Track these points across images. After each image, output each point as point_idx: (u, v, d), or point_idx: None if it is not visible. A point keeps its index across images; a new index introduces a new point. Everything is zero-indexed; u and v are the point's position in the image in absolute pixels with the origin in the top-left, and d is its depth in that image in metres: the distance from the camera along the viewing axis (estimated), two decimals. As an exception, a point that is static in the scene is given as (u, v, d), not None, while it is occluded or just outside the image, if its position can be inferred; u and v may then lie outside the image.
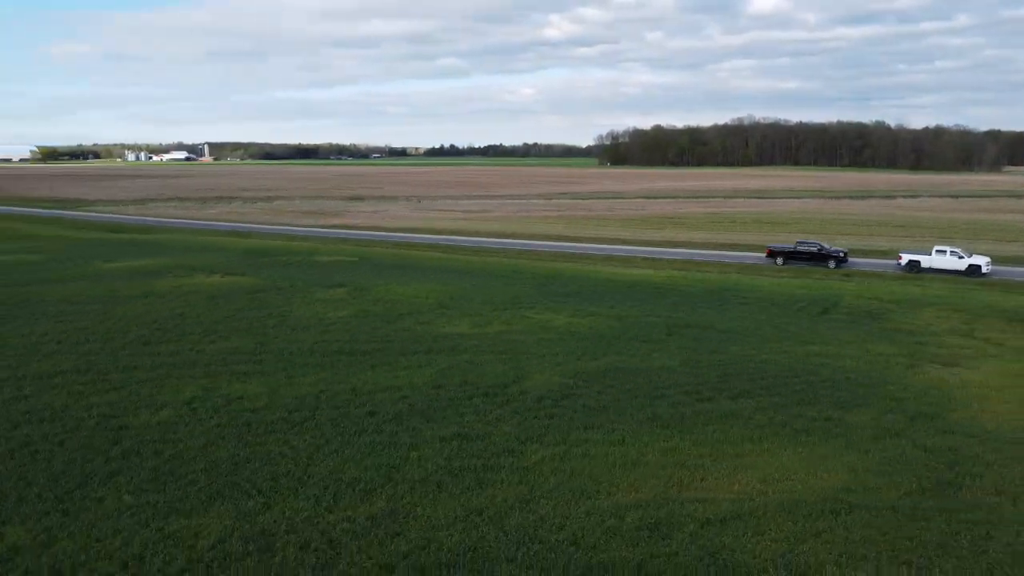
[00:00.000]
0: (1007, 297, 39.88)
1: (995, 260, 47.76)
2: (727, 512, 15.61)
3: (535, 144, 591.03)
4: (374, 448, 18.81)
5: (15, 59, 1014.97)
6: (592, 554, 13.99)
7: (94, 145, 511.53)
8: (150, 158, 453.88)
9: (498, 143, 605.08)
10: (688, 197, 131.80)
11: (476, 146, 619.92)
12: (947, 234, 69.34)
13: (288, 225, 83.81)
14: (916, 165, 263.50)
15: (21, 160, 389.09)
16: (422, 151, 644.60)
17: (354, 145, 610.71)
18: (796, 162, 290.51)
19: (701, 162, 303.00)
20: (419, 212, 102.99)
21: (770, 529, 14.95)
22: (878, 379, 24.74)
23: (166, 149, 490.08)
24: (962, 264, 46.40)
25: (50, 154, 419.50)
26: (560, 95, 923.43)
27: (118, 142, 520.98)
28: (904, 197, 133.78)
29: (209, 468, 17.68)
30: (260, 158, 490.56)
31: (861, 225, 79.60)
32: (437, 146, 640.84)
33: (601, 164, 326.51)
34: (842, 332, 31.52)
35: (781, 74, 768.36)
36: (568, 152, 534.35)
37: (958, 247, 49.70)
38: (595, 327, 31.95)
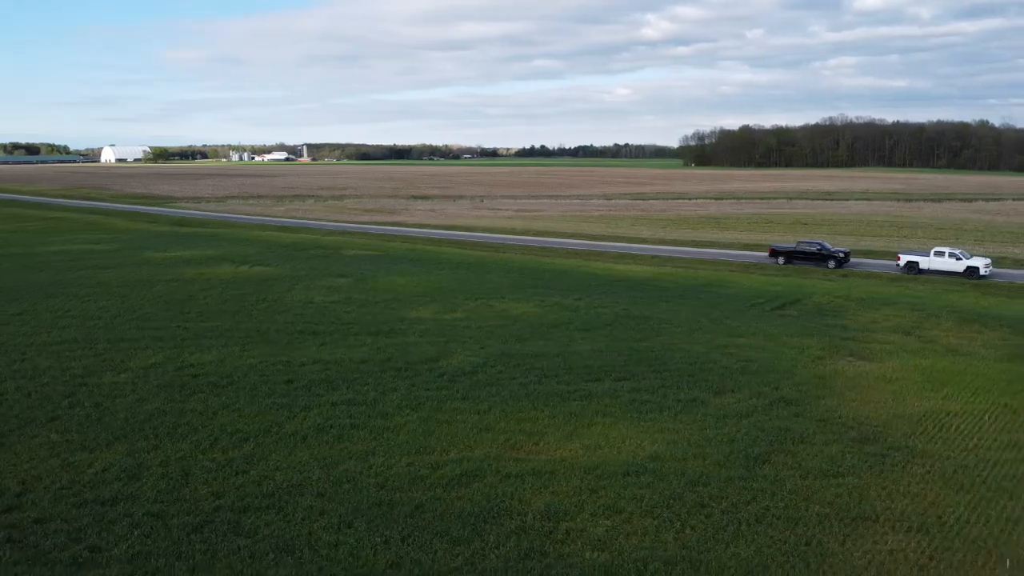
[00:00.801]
0: (981, 299, 39.54)
1: None
2: (530, 469, 17.83)
3: (626, 145, 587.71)
4: (270, 408, 21.89)
5: (137, 66, 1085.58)
6: (387, 494, 16.55)
7: (203, 146, 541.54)
8: (252, 158, 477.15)
9: (589, 144, 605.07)
10: (751, 198, 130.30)
11: (567, 147, 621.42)
12: (996, 239, 67.31)
13: (344, 222, 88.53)
14: (1022, 168, 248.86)
15: (135, 160, 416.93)
16: (513, 152, 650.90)
17: (447, 146, 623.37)
18: (890, 163, 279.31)
19: (789, 163, 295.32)
20: (473, 211, 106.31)
21: (557, 483, 17.11)
22: (774, 368, 26.07)
23: (268, 150, 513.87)
24: (960, 266, 45.85)
25: (161, 154, 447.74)
26: (655, 95, 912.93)
27: (225, 143, 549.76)
28: (985, 200, 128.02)
29: (129, 418, 21.15)
30: (357, 158, 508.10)
31: (906, 228, 77.65)
32: (528, 147, 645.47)
33: (685, 165, 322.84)
34: (778, 326, 32.60)
35: (887, 72, 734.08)
36: (660, 153, 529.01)
37: (958, 248, 48.95)
38: (546, 316, 34.17)
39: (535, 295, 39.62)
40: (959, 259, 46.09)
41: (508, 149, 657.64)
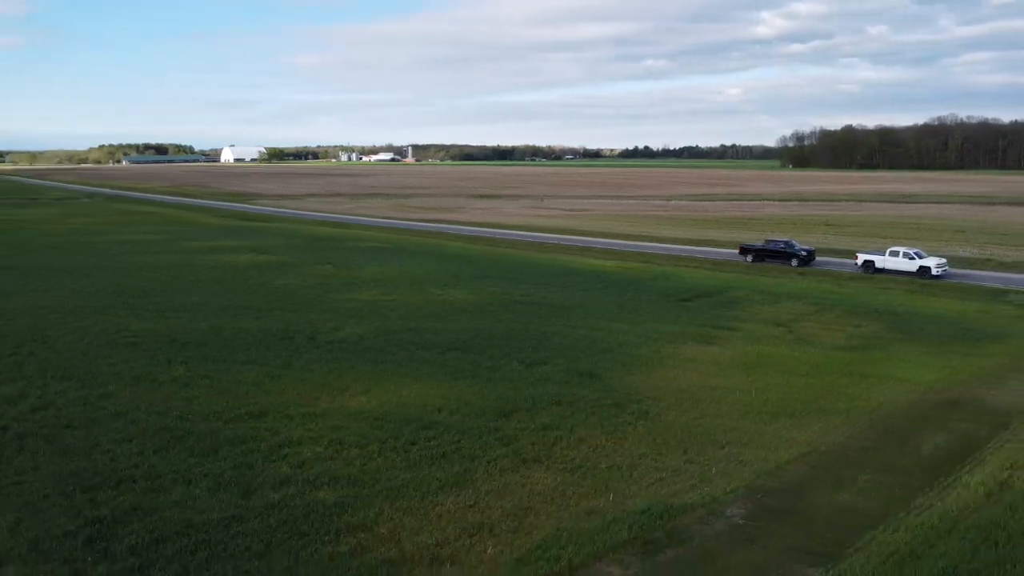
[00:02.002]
0: (907, 297, 40.24)
1: None
2: (309, 412, 21.79)
3: (732, 146, 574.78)
4: (154, 359, 26.80)
5: (263, 70, 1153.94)
6: (182, 423, 20.92)
7: (318, 147, 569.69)
8: (360, 159, 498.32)
9: (694, 145, 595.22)
10: (821, 200, 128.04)
11: (671, 148, 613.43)
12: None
13: (393, 218, 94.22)
14: None
15: (252, 160, 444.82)
16: (616, 153, 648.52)
17: (550, 147, 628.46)
18: (1003, 166, 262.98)
19: (893, 165, 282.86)
20: (526, 210, 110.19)
21: (315, 422, 21.00)
22: (609, 348, 28.99)
23: (375, 151, 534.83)
24: (912, 265, 46.19)
25: (275, 154, 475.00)
26: (768, 94, 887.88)
27: (337, 144, 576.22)
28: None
29: (65, 361, 26.42)
30: (460, 159, 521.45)
31: (960, 232, 75.40)
32: (631, 148, 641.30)
33: (783, 167, 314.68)
34: (667, 314, 35.15)
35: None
36: (767, 154, 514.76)
37: (913, 248, 48.96)
38: (467, 301, 37.98)
39: (483, 284, 43.34)
40: (911, 259, 46.48)
41: (612, 150, 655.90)
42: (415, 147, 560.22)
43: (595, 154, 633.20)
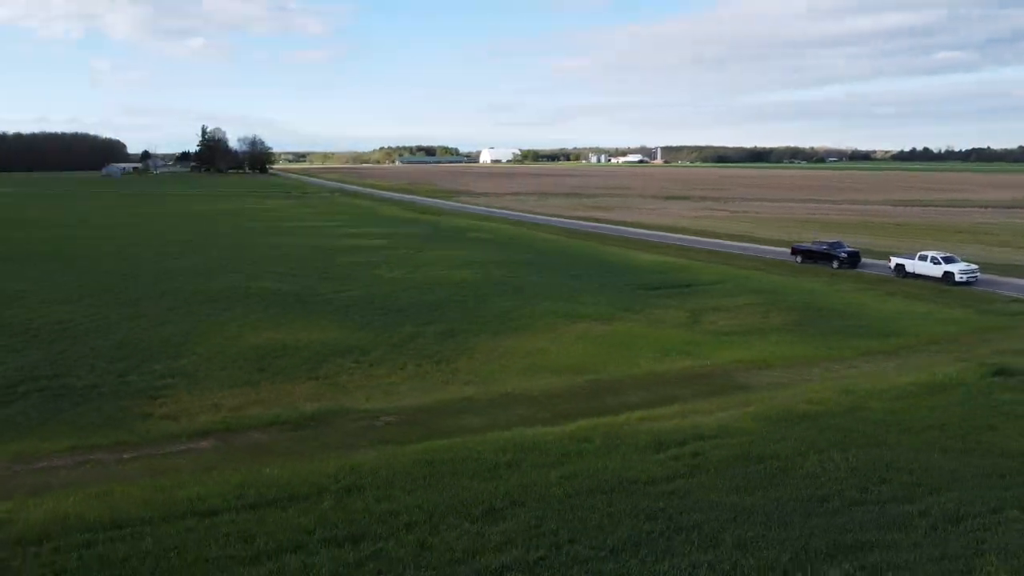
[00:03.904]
0: (873, 300, 39.62)
1: None
2: (228, 340, 30.80)
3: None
4: (156, 310, 37.58)
5: (529, 75, 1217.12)
6: (100, 341, 30.95)
7: (573, 149, 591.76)
8: (608, 160, 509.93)
9: (985, 146, 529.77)
10: (944, 204, 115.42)
11: (955, 149, 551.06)
12: None
13: (544, 214, 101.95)
14: None
15: (507, 161, 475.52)
16: (889, 155, 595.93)
17: (812, 149, 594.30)
18: None
19: None
20: (689, 211, 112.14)
21: (213, 342, 29.92)
22: (509, 317, 34.80)
23: (624, 152, 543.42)
24: (938, 271, 44.32)
25: (528, 156, 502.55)
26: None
27: (592, 146, 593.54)
28: None
29: (164, 299, 38.41)
30: (713, 161, 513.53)
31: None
32: (908, 150, 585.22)
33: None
34: (611, 298, 39.56)
35: None
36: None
37: (944, 253, 46.16)
38: (466, 280, 45.28)
39: (505, 270, 49.89)
40: (937, 263, 44.77)
41: (884, 152, 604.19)
42: (666, 149, 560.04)
43: (864, 156, 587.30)
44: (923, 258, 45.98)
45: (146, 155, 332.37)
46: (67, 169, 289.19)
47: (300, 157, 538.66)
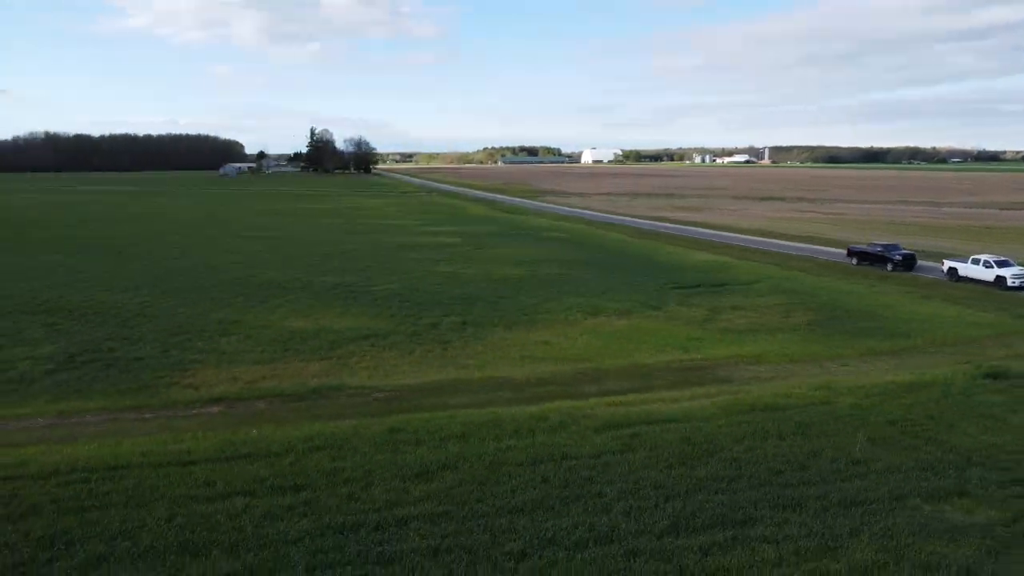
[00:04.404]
0: (908, 302, 38.67)
1: None
2: (239, 335, 34.06)
3: None
4: (220, 297, 41.37)
5: (632, 75, 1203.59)
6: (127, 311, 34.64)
7: (677, 149, 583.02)
8: (714, 160, 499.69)
9: None
10: None
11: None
12: None
13: (621, 215, 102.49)
14: None
15: (608, 162, 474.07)
16: (1021, 156, 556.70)
17: (934, 148, 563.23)
18: None
19: None
20: (772, 212, 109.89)
21: (236, 328, 33.15)
22: (523, 310, 36.47)
23: (731, 152, 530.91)
24: (990, 275, 42.60)
25: (630, 156, 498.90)
26: None
27: (697, 146, 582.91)
28: None
29: (210, 285, 42.67)
30: (825, 161, 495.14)
31: None
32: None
33: None
34: (640, 296, 40.46)
35: None
36: None
37: (998, 257, 44.11)
38: (510, 276, 47.20)
39: (556, 268, 51.57)
40: (989, 267, 43.18)
41: (1016, 152, 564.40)
42: (775, 149, 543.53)
43: (992, 157, 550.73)
44: (976, 261, 44.58)
45: (261, 155, 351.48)
46: (192, 168, 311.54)
47: (407, 157, 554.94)
